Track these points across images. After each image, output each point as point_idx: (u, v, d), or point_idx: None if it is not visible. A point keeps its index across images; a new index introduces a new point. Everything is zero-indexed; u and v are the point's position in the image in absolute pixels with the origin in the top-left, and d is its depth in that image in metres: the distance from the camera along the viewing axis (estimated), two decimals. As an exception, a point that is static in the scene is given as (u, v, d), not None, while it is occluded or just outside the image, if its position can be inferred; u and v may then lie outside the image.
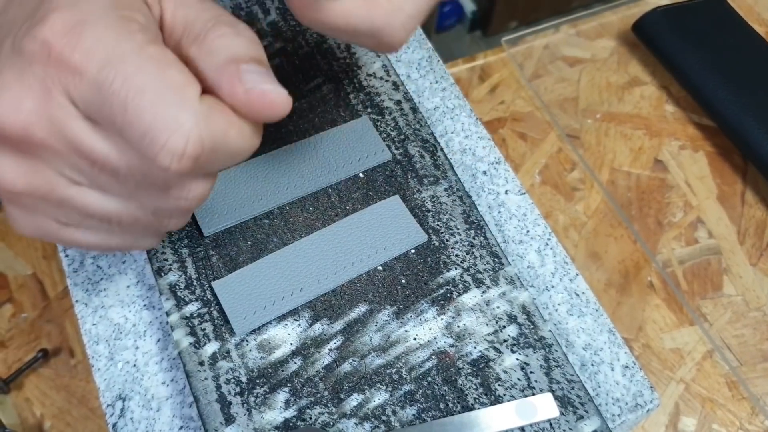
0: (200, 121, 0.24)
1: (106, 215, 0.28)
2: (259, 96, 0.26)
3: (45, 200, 0.27)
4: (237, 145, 0.26)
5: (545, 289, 0.39)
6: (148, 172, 0.26)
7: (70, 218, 0.28)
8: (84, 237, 0.29)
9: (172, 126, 0.24)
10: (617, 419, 0.35)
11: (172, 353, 0.36)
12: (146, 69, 0.24)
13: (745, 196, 0.57)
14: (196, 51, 0.26)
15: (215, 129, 0.25)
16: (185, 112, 0.24)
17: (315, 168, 0.39)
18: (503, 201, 0.41)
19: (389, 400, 0.33)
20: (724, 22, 0.63)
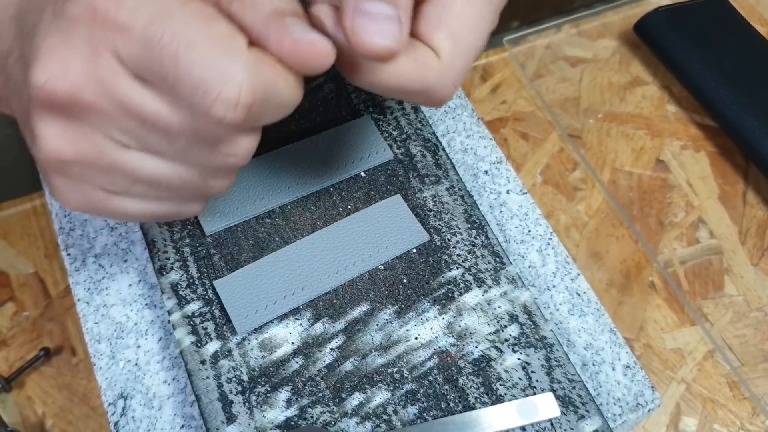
0: (251, 71, 0.24)
1: (156, 179, 0.28)
2: (307, 46, 0.26)
3: (94, 167, 0.27)
4: (285, 95, 0.26)
5: (546, 289, 0.39)
6: (200, 127, 0.26)
7: (118, 185, 0.28)
8: (132, 205, 0.29)
9: (225, 76, 0.24)
10: (618, 419, 0.35)
11: (173, 352, 0.36)
12: (193, 23, 0.24)
13: (746, 197, 0.57)
14: (239, 6, 0.26)
15: (265, 79, 0.25)
16: (236, 63, 0.24)
17: (316, 167, 0.39)
18: (505, 200, 0.41)
19: (390, 399, 0.33)
20: (725, 22, 0.63)
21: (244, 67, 0.24)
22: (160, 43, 0.24)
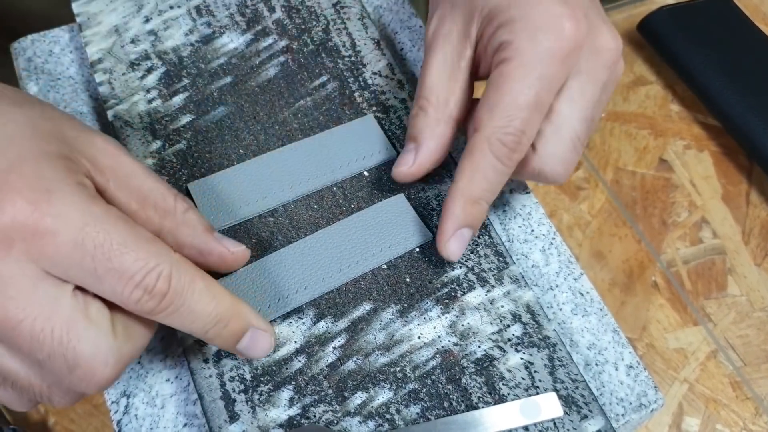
0: (176, 265, 0.29)
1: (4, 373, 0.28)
2: (242, 253, 0.34)
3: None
4: (199, 302, 0.30)
5: (549, 289, 0.39)
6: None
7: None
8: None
9: (153, 267, 0.27)
10: (621, 419, 0.35)
11: (176, 350, 0.36)
12: (121, 225, 0.27)
13: (749, 196, 0.57)
14: (171, 223, 0.31)
15: (186, 278, 0.29)
16: (166, 256, 0.28)
17: (320, 166, 0.39)
18: (508, 200, 0.41)
19: (393, 398, 0.33)
20: (729, 22, 0.63)
21: (170, 261, 0.28)
22: (93, 243, 0.26)
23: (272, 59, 0.43)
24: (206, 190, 0.38)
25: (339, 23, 0.45)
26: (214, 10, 0.45)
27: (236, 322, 0.31)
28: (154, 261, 0.27)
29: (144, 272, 0.27)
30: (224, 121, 0.41)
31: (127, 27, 0.44)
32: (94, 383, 0.27)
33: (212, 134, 0.40)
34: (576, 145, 0.35)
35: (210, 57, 0.43)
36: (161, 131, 0.40)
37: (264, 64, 0.43)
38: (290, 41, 0.44)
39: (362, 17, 0.45)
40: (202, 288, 0.29)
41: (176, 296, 0.28)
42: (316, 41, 0.44)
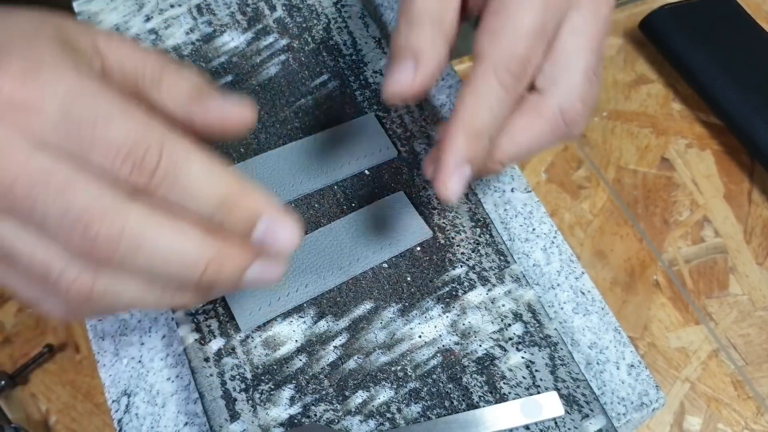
0: (167, 138, 0.26)
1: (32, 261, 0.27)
2: (235, 110, 0.30)
3: None
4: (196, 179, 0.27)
5: (551, 288, 0.38)
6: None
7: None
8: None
9: (144, 139, 0.25)
10: (622, 418, 0.35)
11: (177, 349, 0.36)
12: (111, 99, 0.26)
13: (751, 195, 0.57)
14: (157, 93, 0.29)
15: (176, 149, 0.26)
16: (156, 129, 0.26)
17: (321, 165, 0.39)
18: (509, 199, 0.41)
19: (394, 397, 0.33)
20: (731, 20, 0.63)
21: (160, 134, 0.26)
22: (79, 116, 0.25)
23: (273, 58, 0.43)
24: (207, 188, 0.38)
25: (340, 22, 0.45)
26: (215, 9, 0.45)
27: (244, 204, 0.27)
28: (143, 133, 0.25)
29: (130, 144, 0.25)
30: (225, 119, 0.41)
31: (127, 26, 0.44)
32: (103, 234, 0.25)
33: (213, 133, 0.40)
34: (591, 78, 0.33)
35: (211, 56, 0.43)
36: (162, 130, 0.40)
37: (265, 63, 0.43)
38: (291, 40, 0.44)
39: (363, 16, 0.45)
40: (199, 163, 0.26)
41: (168, 171, 0.26)
42: (317, 40, 0.44)
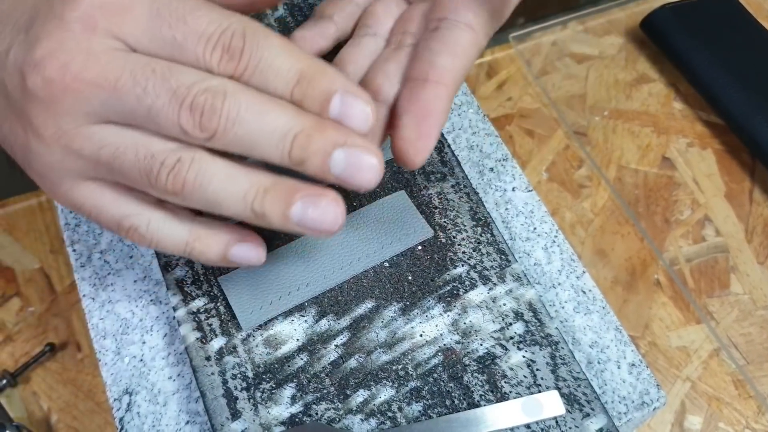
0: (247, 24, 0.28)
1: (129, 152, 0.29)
2: None
3: (81, 151, 0.29)
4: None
5: (552, 287, 0.39)
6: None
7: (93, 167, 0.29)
8: (96, 190, 0.30)
9: (226, 25, 0.28)
10: (623, 417, 0.35)
11: (178, 348, 0.36)
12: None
13: (753, 194, 0.57)
14: None
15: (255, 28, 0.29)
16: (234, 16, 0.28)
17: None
18: (510, 198, 0.41)
19: (395, 396, 0.33)
20: (732, 19, 0.63)
21: (240, 20, 0.28)
22: (168, 12, 0.27)
23: (274, 57, 0.43)
24: (208, 187, 0.38)
25: (341, 21, 0.45)
26: (217, 8, 0.45)
27: (320, 78, 0.28)
28: (227, 21, 0.28)
29: (219, 31, 0.27)
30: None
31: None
32: (207, 108, 0.27)
33: (214, 132, 0.40)
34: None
35: (212, 55, 0.43)
36: (163, 129, 0.40)
37: (266, 62, 0.43)
38: (292, 39, 0.44)
39: (364, 15, 0.45)
40: (278, 43, 0.28)
41: (253, 51, 0.28)
42: (319, 39, 0.44)
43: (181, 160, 0.28)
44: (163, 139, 0.28)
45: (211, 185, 0.28)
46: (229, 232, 0.31)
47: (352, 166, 0.28)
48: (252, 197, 0.28)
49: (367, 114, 0.28)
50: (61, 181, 0.30)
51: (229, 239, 0.31)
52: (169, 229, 0.30)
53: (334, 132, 0.28)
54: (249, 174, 0.29)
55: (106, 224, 0.31)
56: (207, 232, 0.31)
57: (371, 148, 0.28)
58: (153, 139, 0.28)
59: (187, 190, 0.28)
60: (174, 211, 0.31)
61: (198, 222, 0.31)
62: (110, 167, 0.28)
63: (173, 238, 0.31)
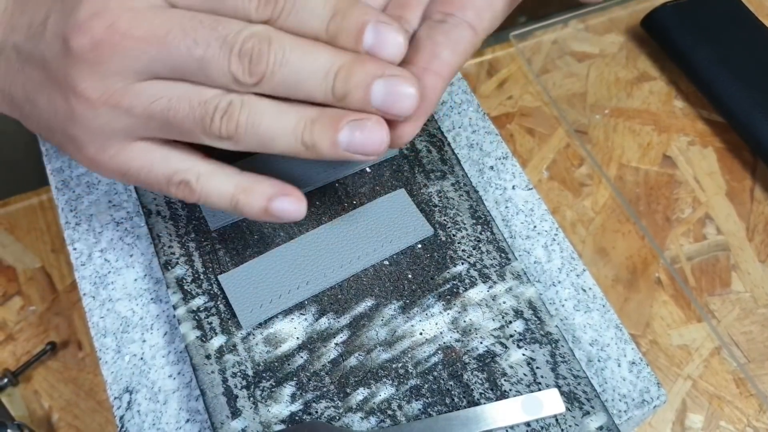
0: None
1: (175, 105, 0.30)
2: None
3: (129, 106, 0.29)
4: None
5: (552, 285, 0.38)
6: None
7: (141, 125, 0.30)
8: (144, 148, 0.31)
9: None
10: (624, 415, 0.35)
11: (179, 346, 0.36)
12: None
13: (754, 193, 0.57)
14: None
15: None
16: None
17: (321, 163, 0.39)
18: (510, 196, 0.41)
19: (395, 394, 0.33)
20: (734, 17, 0.63)
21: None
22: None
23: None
24: (208, 186, 0.38)
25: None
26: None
27: (352, 11, 0.29)
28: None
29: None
30: (226, 117, 0.41)
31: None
32: (255, 52, 0.28)
33: (214, 131, 0.40)
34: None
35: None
36: (163, 128, 0.40)
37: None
38: (292, 37, 0.44)
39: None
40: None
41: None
42: (319, 37, 0.44)
43: (232, 103, 0.29)
44: (212, 88, 0.29)
45: (263, 123, 0.29)
46: (272, 186, 0.32)
47: (391, 96, 0.29)
48: (301, 129, 0.29)
49: (399, 43, 0.29)
50: (108, 145, 0.30)
51: (273, 192, 0.31)
52: (217, 182, 0.31)
53: (372, 64, 0.29)
54: (296, 108, 0.29)
55: (156, 182, 0.31)
56: (252, 184, 0.31)
57: (408, 77, 0.29)
58: (202, 89, 0.29)
59: (240, 131, 0.29)
60: (221, 166, 0.32)
61: (243, 175, 0.32)
62: (163, 121, 0.29)
63: (220, 190, 0.31)
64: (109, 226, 0.39)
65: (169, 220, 0.37)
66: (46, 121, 0.31)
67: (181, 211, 0.38)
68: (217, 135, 0.29)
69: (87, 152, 0.31)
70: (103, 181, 0.41)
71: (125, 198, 0.40)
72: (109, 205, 0.40)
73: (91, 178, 0.41)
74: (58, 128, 0.31)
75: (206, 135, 0.29)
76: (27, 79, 0.31)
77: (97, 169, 0.32)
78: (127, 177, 0.32)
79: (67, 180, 0.41)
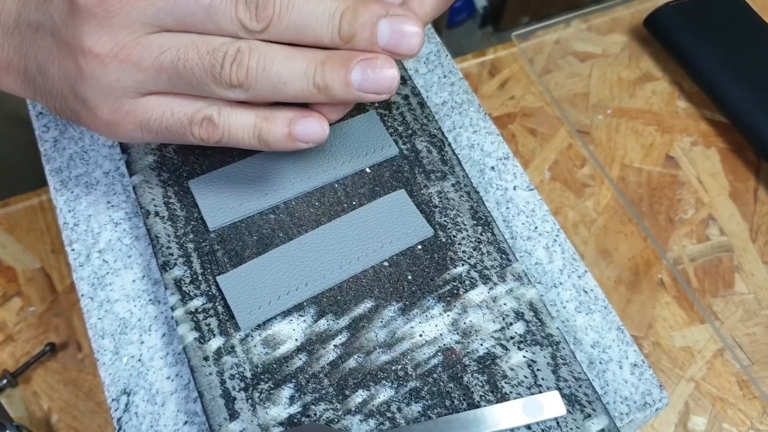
0: None
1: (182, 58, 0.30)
2: None
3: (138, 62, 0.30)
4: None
5: (553, 286, 0.38)
6: None
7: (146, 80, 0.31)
8: (156, 102, 0.32)
9: None
10: (625, 418, 0.35)
11: (177, 348, 0.36)
12: None
13: (757, 193, 0.57)
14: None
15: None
16: None
17: (321, 163, 0.39)
18: (511, 197, 0.41)
19: (394, 396, 0.33)
20: (737, 17, 0.63)
21: None
22: None
23: (274, 55, 0.43)
24: (207, 186, 0.38)
25: (341, 19, 0.45)
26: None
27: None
28: None
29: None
30: (226, 117, 0.41)
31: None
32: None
33: (213, 131, 0.40)
34: None
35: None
36: (162, 128, 0.40)
37: (266, 61, 0.43)
38: (292, 37, 0.44)
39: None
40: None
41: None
42: (319, 37, 0.44)
43: (241, 49, 0.29)
44: (220, 36, 0.29)
45: (274, 67, 0.29)
46: (291, 110, 0.32)
47: (397, 34, 0.29)
48: (312, 71, 0.29)
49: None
50: (121, 103, 0.31)
51: (293, 115, 0.32)
52: (238, 114, 0.31)
53: (376, 5, 0.29)
54: (305, 52, 0.30)
55: (179, 126, 0.31)
56: (272, 112, 0.32)
57: (411, 16, 0.30)
58: (210, 37, 0.29)
59: (251, 76, 0.29)
60: (237, 103, 0.32)
61: (262, 107, 0.32)
62: (173, 71, 0.29)
63: (242, 122, 0.31)
64: (107, 226, 0.39)
65: (167, 221, 0.37)
66: (58, 90, 0.31)
67: (180, 212, 0.37)
68: (228, 83, 0.29)
69: (101, 113, 0.31)
70: (102, 181, 0.41)
71: (123, 199, 0.40)
72: (108, 206, 0.40)
73: (90, 178, 0.41)
74: (69, 94, 0.31)
75: (217, 84, 0.29)
76: (39, 49, 0.31)
77: (115, 130, 0.32)
78: (148, 128, 0.32)
79: (65, 180, 0.41)
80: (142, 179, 0.38)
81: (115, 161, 0.41)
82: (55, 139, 0.42)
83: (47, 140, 0.42)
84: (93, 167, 0.41)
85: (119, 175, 0.41)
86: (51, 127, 0.42)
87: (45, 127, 0.42)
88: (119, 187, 0.40)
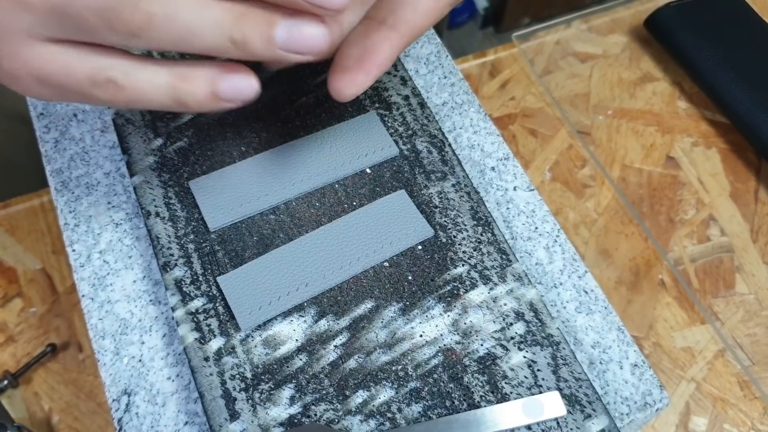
0: None
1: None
2: None
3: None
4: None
5: (553, 287, 0.38)
6: None
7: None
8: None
9: None
10: (626, 418, 0.35)
11: (177, 348, 0.36)
12: None
13: (758, 194, 0.57)
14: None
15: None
16: None
17: (321, 163, 0.39)
18: (512, 197, 0.41)
19: (395, 397, 0.33)
20: (737, 18, 0.63)
21: None
22: None
23: (275, 56, 0.43)
24: (208, 187, 0.38)
25: (342, 20, 0.45)
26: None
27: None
28: None
29: None
30: (226, 118, 0.41)
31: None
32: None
33: (214, 132, 0.40)
34: None
35: (212, 54, 0.43)
36: (163, 129, 0.40)
37: (266, 61, 0.43)
38: (293, 38, 0.44)
39: (365, 14, 0.45)
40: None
41: None
42: (319, 38, 0.44)
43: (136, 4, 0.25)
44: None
45: (181, 14, 0.25)
46: (214, 66, 0.28)
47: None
48: (229, 23, 0.26)
49: None
50: (17, 51, 0.27)
51: (216, 72, 0.28)
52: (149, 74, 0.28)
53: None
54: (220, 1, 0.26)
55: (77, 86, 0.28)
56: (190, 69, 0.28)
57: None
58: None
59: (155, 23, 0.25)
60: (150, 58, 0.28)
61: (178, 62, 0.28)
62: (63, 13, 0.26)
63: (154, 82, 0.28)
64: (108, 227, 0.39)
65: (168, 222, 0.37)
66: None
67: (180, 213, 0.37)
68: (126, 30, 0.25)
69: (1, 64, 0.28)
70: (102, 182, 0.41)
71: (124, 199, 0.40)
72: (108, 207, 0.40)
73: (91, 179, 0.41)
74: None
75: (112, 31, 0.26)
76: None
77: (17, 82, 0.29)
78: (47, 84, 0.28)
79: (66, 181, 0.41)
80: (143, 180, 0.38)
81: (116, 162, 0.41)
82: (56, 139, 0.42)
83: (48, 141, 0.42)
84: (94, 168, 0.41)
85: (120, 175, 0.41)
86: (52, 128, 0.42)
87: (46, 128, 0.42)
88: (120, 187, 0.41)
